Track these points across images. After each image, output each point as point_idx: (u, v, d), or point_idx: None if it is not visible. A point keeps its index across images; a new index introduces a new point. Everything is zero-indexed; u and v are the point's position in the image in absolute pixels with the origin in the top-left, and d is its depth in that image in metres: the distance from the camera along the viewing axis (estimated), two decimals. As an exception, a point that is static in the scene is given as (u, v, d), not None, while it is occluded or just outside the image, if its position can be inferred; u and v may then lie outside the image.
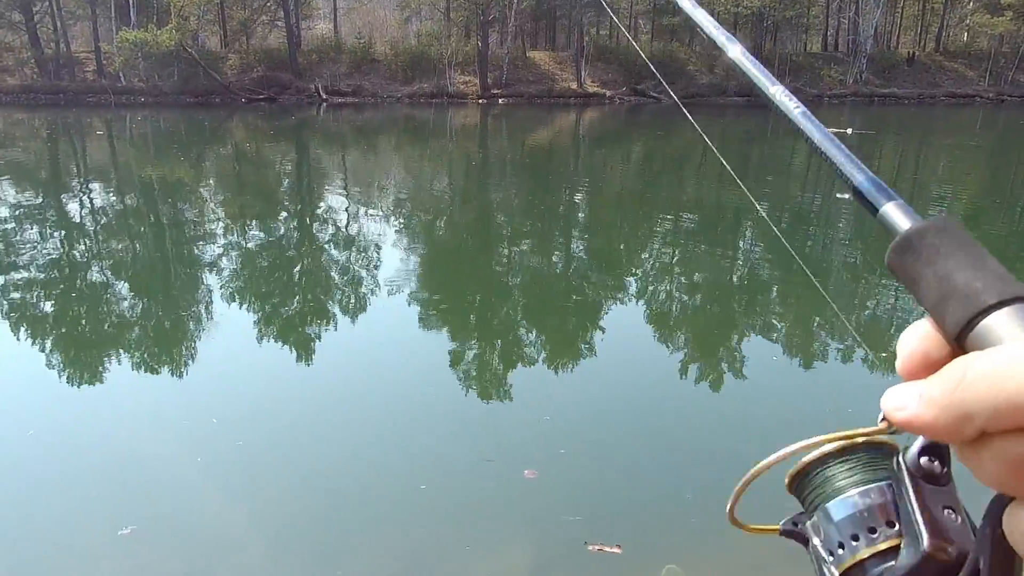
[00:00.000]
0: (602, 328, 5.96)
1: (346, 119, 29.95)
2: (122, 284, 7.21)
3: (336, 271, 7.78)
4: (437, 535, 3.14)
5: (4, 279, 6.98)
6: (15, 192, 12.24)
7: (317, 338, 5.67)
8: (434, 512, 3.29)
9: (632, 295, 7.00)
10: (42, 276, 7.26)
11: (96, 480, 3.57)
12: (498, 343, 5.61)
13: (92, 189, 12.84)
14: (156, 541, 3.13)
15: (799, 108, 0.47)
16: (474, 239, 9.60)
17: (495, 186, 14.11)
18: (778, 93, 0.50)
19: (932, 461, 0.39)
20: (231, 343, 5.57)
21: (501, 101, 37.70)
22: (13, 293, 6.61)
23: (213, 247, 8.62)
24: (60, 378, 4.89)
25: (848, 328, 5.97)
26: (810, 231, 10.11)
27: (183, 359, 5.23)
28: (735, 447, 3.96)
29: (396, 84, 38.24)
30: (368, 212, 11.27)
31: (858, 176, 0.41)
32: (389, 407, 4.40)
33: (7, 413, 4.26)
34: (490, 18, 38.53)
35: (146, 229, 9.76)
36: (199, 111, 31.40)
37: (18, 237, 8.96)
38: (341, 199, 12.42)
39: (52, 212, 10.69)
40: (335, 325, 5.95)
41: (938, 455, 0.39)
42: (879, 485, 0.40)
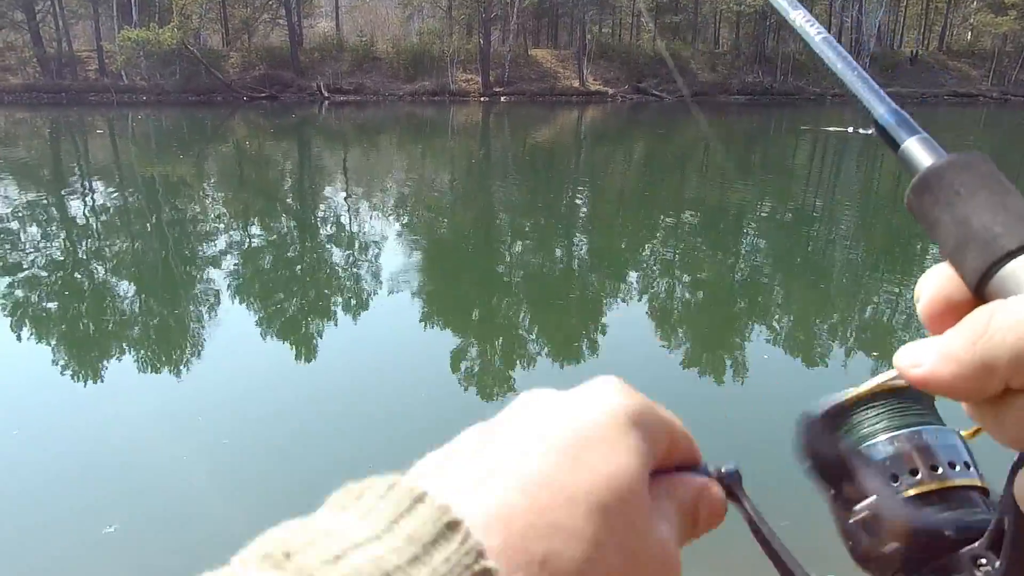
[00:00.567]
0: (597, 326, 5.93)
1: (348, 117, 29.94)
2: (123, 282, 7.20)
3: (337, 269, 7.77)
4: None
5: (5, 277, 6.98)
6: (17, 190, 12.24)
7: (317, 336, 5.66)
8: None
9: (630, 293, 6.98)
10: (43, 274, 7.26)
11: (96, 478, 3.56)
12: (494, 341, 5.59)
13: (94, 188, 12.84)
14: (154, 539, 3.12)
15: (821, 34, 0.44)
16: (475, 237, 9.58)
17: (497, 184, 14.09)
18: (799, 18, 0.47)
19: None
20: (232, 341, 5.56)
21: (503, 99, 37.68)
22: (14, 291, 6.60)
23: (215, 245, 8.61)
24: (61, 376, 4.88)
25: (846, 334, 5.96)
26: (813, 229, 10.08)
27: (183, 357, 5.22)
28: (731, 444, 3.94)
29: (398, 82, 38.24)
30: (369, 210, 11.26)
31: (879, 108, 0.38)
32: (384, 406, 4.39)
33: (8, 410, 4.25)
34: (492, 16, 38.51)
35: (148, 227, 9.75)
36: (201, 109, 31.41)
37: (19, 235, 8.95)
38: (343, 197, 12.41)
39: (54, 210, 10.68)
40: (335, 323, 5.94)
41: None
42: (907, 431, 0.38)
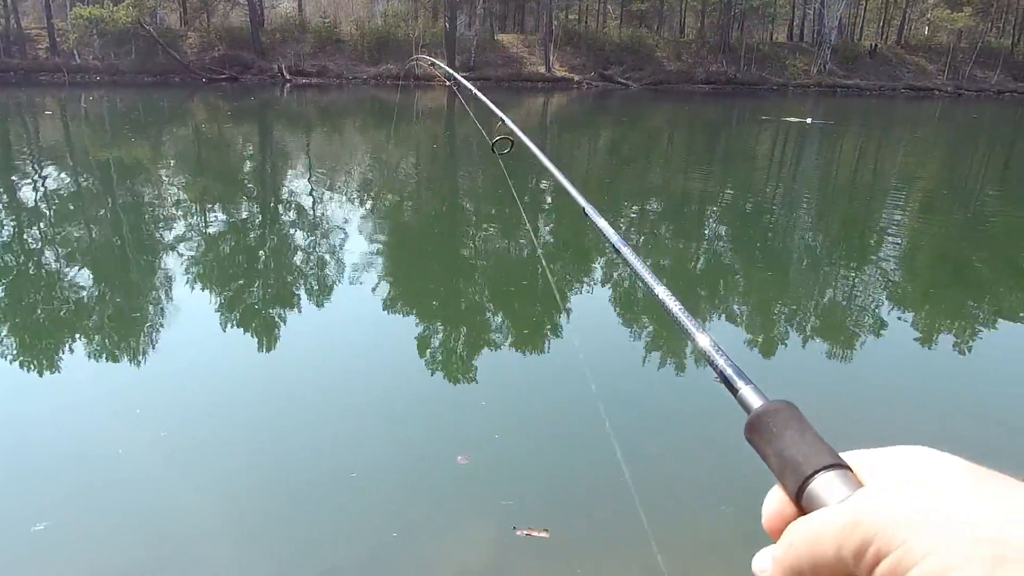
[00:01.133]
0: (561, 311, 5.96)
1: (310, 100, 29.40)
2: (77, 269, 6.99)
3: (300, 255, 7.64)
4: (364, 522, 3.10)
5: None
6: (-39, 171, 11.75)
7: (278, 323, 5.57)
8: (362, 499, 3.25)
9: (594, 279, 7.02)
10: (-11, 259, 6.99)
11: (48, 470, 3.46)
12: (459, 326, 5.58)
13: (45, 171, 12.40)
14: (107, 532, 3.05)
15: (679, 306, 0.61)
16: (441, 223, 9.52)
17: (463, 170, 14.00)
18: (661, 292, 0.63)
19: None
20: (189, 329, 5.44)
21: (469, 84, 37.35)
22: (-42, 276, 6.35)
23: (173, 231, 8.40)
24: (12, 366, 4.72)
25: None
26: (773, 216, 10.26)
27: (140, 346, 5.09)
28: (671, 432, 4.01)
29: (362, 65, 37.65)
30: (333, 195, 11.09)
31: (723, 363, 0.51)
32: (346, 392, 4.35)
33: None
34: (458, 0, 38.10)
35: (102, 212, 9.46)
36: (158, 91, 30.50)
37: (-36, 218, 8.60)
38: (305, 182, 12.21)
39: (3, 194, 10.29)
40: (296, 310, 5.85)
41: None
42: None
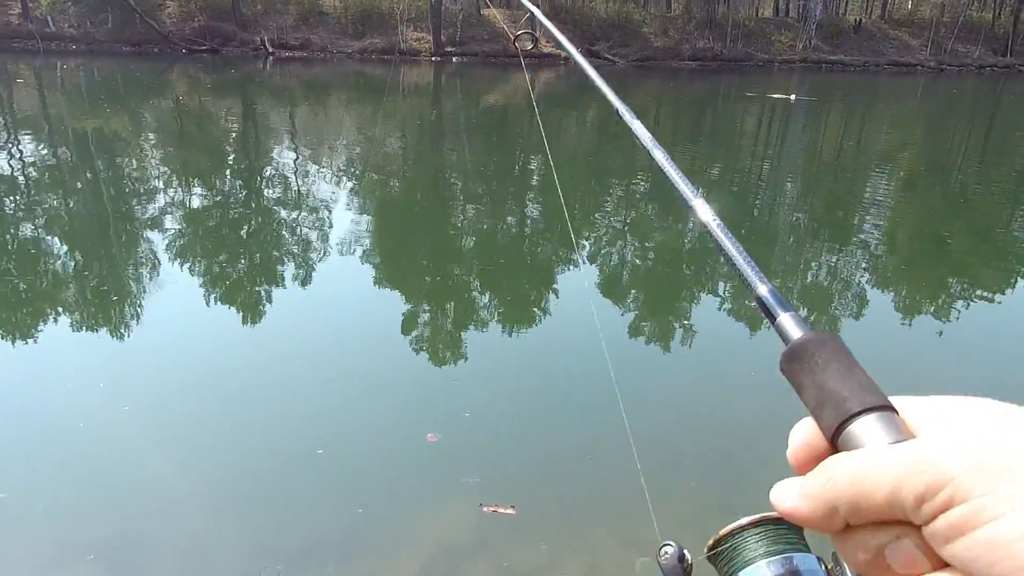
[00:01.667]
0: (549, 290, 6.03)
1: (294, 74, 28.95)
2: (56, 242, 6.92)
3: (284, 231, 7.63)
4: (329, 499, 3.15)
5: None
6: (-63, 144, 11.51)
7: (262, 299, 5.59)
8: (328, 476, 3.29)
9: (582, 257, 7.09)
10: (-28, 234, 6.91)
11: (28, 444, 3.49)
12: (445, 304, 5.64)
13: (21, 141, 12.17)
14: (89, 505, 3.10)
15: (716, 220, 0.54)
16: (427, 200, 9.51)
17: (449, 147, 13.94)
18: (698, 205, 0.56)
19: None
20: (171, 304, 5.44)
21: (455, 59, 36.97)
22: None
23: (154, 205, 8.32)
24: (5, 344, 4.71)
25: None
26: (759, 195, 10.36)
27: (120, 321, 5.10)
28: (641, 410, 4.10)
29: (346, 39, 37.04)
30: (317, 171, 11.02)
31: (761, 287, 0.46)
32: (331, 369, 4.40)
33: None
34: (443, -28, 37.49)
35: (80, 185, 9.34)
36: (136, 61, 29.85)
37: (-57, 193, 8.47)
38: (289, 157, 12.10)
39: (-20, 166, 10.11)
40: (281, 286, 5.87)
41: None
42: (781, 557, 0.47)
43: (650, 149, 0.66)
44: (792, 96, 24.92)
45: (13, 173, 9.83)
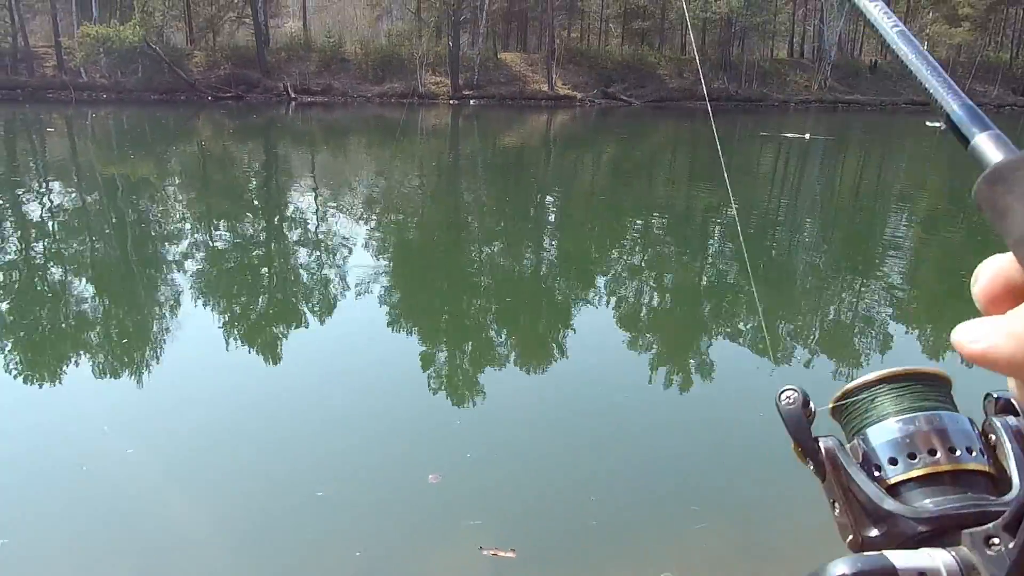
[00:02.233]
0: (566, 329, 5.97)
1: (315, 118, 29.63)
2: (83, 285, 7.02)
3: (304, 272, 7.68)
4: (329, 541, 3.09)
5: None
6: (-31, 189, 11.84)
7: (282, 339, 5.59)
8: (329, 518, 3.24)
9: (598, 296, 7.04)
10: (-3, 276, 7.04)
11: (54, 484, 3.47)
12: (463, 344, 5.59)
13: (52, 188, 12.50)
14: (111, 542, 3.06)
15: (897, 27, 0.43)
16: (445, 240, 9.56)
17: (467, 187, 14.07)
18: (875, 10, 0.44)
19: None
20: (194, 345, 5.46)
21: (472, 102, 37.67)
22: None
23: (178, 248, 8.44)
24: (14, 379, 4.74)
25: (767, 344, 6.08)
26: (777, 233, 10.28)
27: (144, 361, 5.11)
28: (640, 454, 3.98)
29: (366, 84, 37.96)
30: (337, 213, 11.16)
31: (952, 103, 0.39)
32: (349, 409, 4.36)
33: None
34: (461, 18, 38.48)
35: (109, 229, 9.52)
36: (164, 109, 30.78)
37: (-28, 236, 8.67)
38: (310, 199, 12.28)
39: (9, 211, 10.37)
40: (301, 326, 5.87)
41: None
42: (925, 414, 0.41)
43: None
44: (807, 135, 24.95)
45: (42, 216, 10.06)
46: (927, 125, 27.06)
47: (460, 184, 14.48)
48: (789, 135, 24.97)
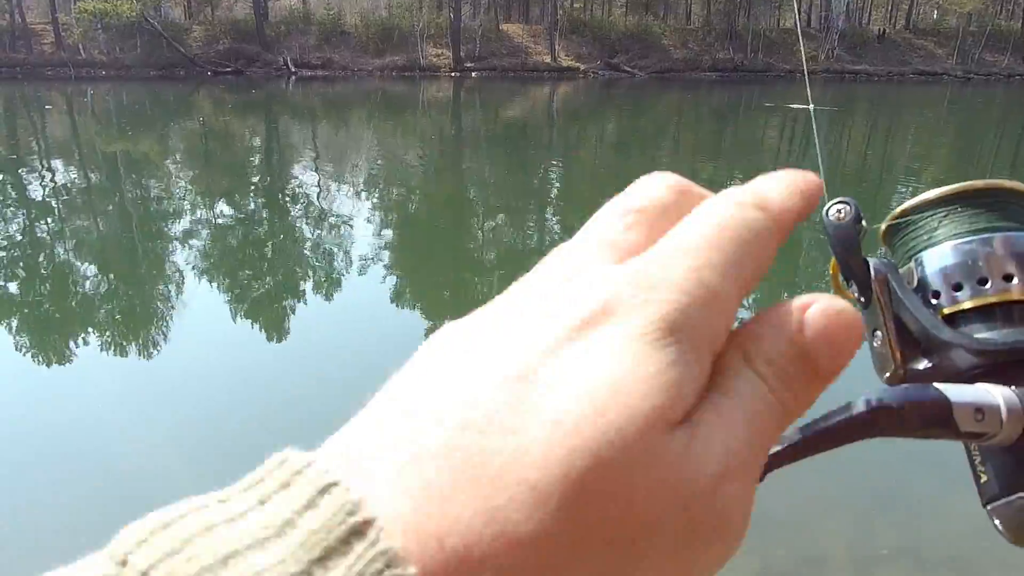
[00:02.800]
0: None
1: (316, 92, 29.39)
2: (85, 262, 7.03)
3: (307, 247, 7.67)
4: None
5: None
6: (-29, 167, 11.82)
7: (287, 315, 5.60)
8: None
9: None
10: (2, 255, 7.05)
11: (62, 463, 3.50)
12: (431, 320, 5.59)
13: (53, 166, 12.46)
14: (120, 520, 3.09)
15: None
16: (448, 214, 9.52)
17: (470, 161, 13.98)
18: None
19: None
20: (199, 321, 5.47)
21: (474, 74, 37.29)
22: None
23: (180, 224, 8.43)
24: (23, 359, 4.77)
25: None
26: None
27: (149, 338, 5.13)
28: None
29: (367, 57, 37.57)
30: (340, 187, 11.11)
31: None
32: (355, 387, 4.35)
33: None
34: (463, -10, 37.94)
35: (111, 206, 9.51)
36: (163, 84, 30.55)
37: (-25, 214, 8.67)
38: (312, 174, 12.22)
39: (11, 189, 10.35)
40: (305, 302, 5.88)
41: None
42: (1001, 235, 0.34)
43: None
44: (810, 106, 24.66)
45: (46, 196, 10.05)
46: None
47: (463, 158, 14.39)
48: (793, 105, 24.70)
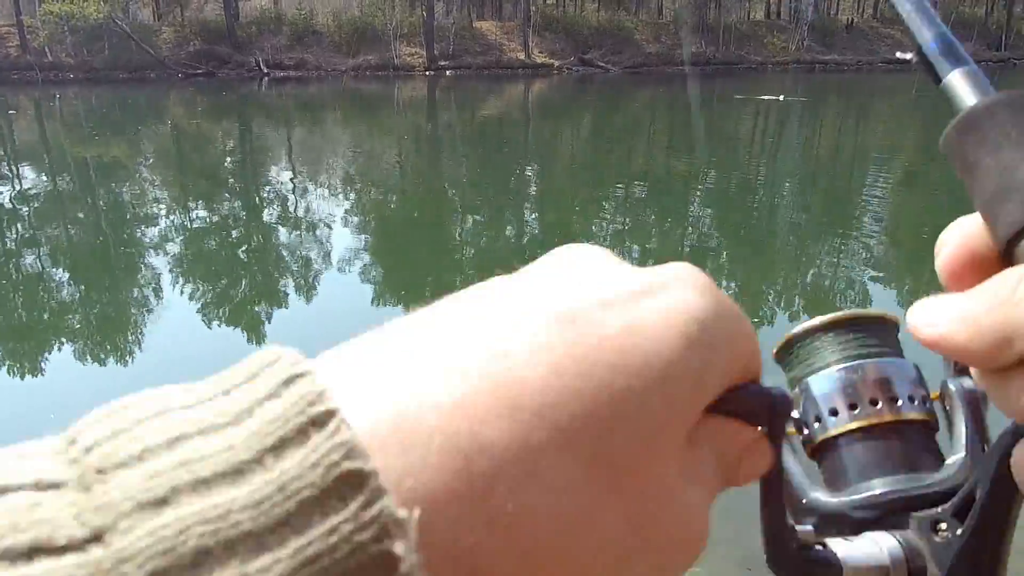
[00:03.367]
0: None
1: (290, 93, 29.15)
2: (58, 271, 6.95)
3: (284, 251, 7.65)
4: None
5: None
6: (-64, 177, 11.59)
7: (265, 319, 5.60)
8: None
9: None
10: (-29, 264, 6.94)
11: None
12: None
13: (21, 172, 12.26)
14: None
15: None
16: (425, 213, 9.54)
17: (446, 160, 13.99)
18: None
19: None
20: (175, 328, 5.45)
21: (449, 73, 37.22)
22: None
23: (154, 230, 8.36)
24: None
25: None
26: (757, 197, 10.36)
27: (126, 346, 5.10)
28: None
29: (340, 57, 37.32)
30: (316, 189, 11.07)
31: (926, 32, 0.34)
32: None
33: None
34: (435, -13, 37.81)
35: (83, 212, 9.39)
36: (133, 87, 30.11)
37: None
38: (288, 177, 12.16)
39: (-21, 197, 10.17)
40: (283, 306, 5.88)
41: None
42: (869, 362, 0.38)
43: None
44: (780, 97, 24.96)
45: (15, 204, 9.90)
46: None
47: (440, 157, 14.39)
48: (765, 97, 24.99)
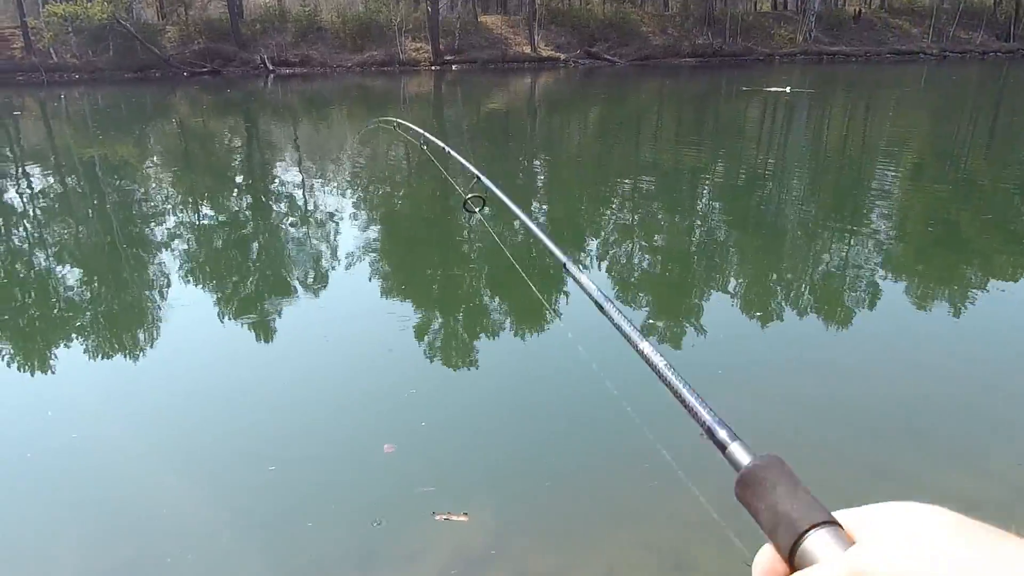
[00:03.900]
0: (557, 293, 5.96)
1: (295, 90, 29.11)
2: (67, 269, 6.94)
3: (292, 247, 7.61)
4: (284, 516, 3.10)
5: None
6: (-56, 177, 11.60)
7: (274, 315, 5.56)
8: (284, 492, 3.25)
9: (590, 259, 7.02)
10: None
11: (47, 468, 3.46)
12: (455, 312, 5.58)
13: (29, 172, 12.27)
14: (109, 526, 3.06)
15: (664, 361, 0.59)
16: (433, 208, 9.49)
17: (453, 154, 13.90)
18: (646, 348, 0.60)
19: None
20: (184, 325, 5.42)
21: (454, 67, 37.09)
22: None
23: (162, 227, 8.34)
24: (6, 367, 4.70)
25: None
26: (765, 188, 10.26)
27: (135, 343, 5.08)
28: (603, 420, 4.00)
29: (345, 53, 37.24)
30: (323, 185, 11.03)
31: (710, 418, 0.50)
32: (344, 385, 4.36)
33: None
34: (439, -18, 37.64)
35: (91, 211, 9.38)
36: (138, 87, 30.13)
37: (-49, 224, 8.52)
38: (294, 173, 12.12)
39: (-14, 197, 10.18)
40: (291, 302, 5.84)
41: None
42: None
43: (600, 303, 0.72)
44: (787, 88, 24.74)
45: (24, 204, 9.89)
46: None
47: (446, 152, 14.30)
48: (772, 89, 24.78)
